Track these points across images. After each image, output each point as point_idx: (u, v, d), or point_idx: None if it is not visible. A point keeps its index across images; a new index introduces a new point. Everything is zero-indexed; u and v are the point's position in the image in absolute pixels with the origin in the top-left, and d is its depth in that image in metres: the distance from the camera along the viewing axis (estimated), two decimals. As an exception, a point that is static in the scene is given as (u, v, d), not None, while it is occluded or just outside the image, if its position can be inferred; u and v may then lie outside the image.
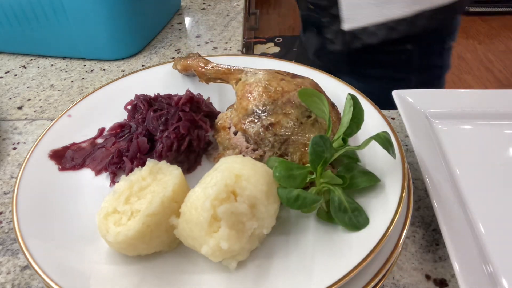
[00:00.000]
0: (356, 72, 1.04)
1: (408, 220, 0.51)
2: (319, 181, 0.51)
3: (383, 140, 0.50)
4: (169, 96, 0.67)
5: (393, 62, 1.01)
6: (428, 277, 0.54)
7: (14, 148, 0.77)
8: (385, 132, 0.51)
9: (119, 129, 0.67)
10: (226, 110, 0.66)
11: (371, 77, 1.03)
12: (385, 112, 0.81)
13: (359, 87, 0.68)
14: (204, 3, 1.31)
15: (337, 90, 0.68)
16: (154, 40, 1.12)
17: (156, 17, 1.13)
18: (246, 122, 0.57)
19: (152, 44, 1.10)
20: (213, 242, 0.43)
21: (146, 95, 0.67)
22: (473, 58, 3.34)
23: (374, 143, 0.51)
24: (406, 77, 0.99)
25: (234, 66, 0.67)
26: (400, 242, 0.49)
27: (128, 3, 0.96)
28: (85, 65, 1.02)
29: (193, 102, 0.64)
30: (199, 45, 1.09)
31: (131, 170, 0.56)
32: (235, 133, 0.60)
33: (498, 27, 3.71)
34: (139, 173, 0.51)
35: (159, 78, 0.77)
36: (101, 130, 0.67)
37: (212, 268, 0.47)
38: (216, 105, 0.70)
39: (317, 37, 1.09)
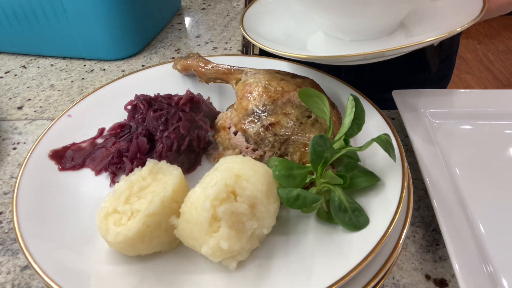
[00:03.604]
0: None
1: (408, 220, 0.51)
2: (320, 181, 0.51)
3: (384, 142, 0.50)
4: (169, 96, 0.67)
5: None
6: (428, 277, 0.54)
7: (14, 148, 0.77)
8: (386, 135, 0.51)
9: (119, 129, 0.67)
10: (226, 110, 0.66)
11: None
12: (385, 112, 0.81)
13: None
14: (204, 3, 1.31)
15: (337, 90, 0.68)
16: (154, 40, 1.12)
17: (156, 17, 1.13)
18: (246, 122, 0.57)
19: (152, 44, 1.10)
20: (213, 242, 0.43)
21: (146, 95, 0.67)
22: (473, 58, 3.34)
23: (374, 143, 0.51)
24: None
25: (234, 66, 0.67)
26: (400, 242, 0.49)
27: (128, 3, 0.96)
28: (85, 65, 1.02)
29: (193, 102, 0.64)
30: (199, 45, 1.09)
31: (131, 170, 0.56)
32: (235, 133, 0.60)
33: (498, 27, 3.71)
34: (139, 173, 0.51)
35: (159, 78, 0.77)
36: (101, 130, 0.67)
37: (212, 268, 0.47)
38: (216, 105, 0.70)
39: None
